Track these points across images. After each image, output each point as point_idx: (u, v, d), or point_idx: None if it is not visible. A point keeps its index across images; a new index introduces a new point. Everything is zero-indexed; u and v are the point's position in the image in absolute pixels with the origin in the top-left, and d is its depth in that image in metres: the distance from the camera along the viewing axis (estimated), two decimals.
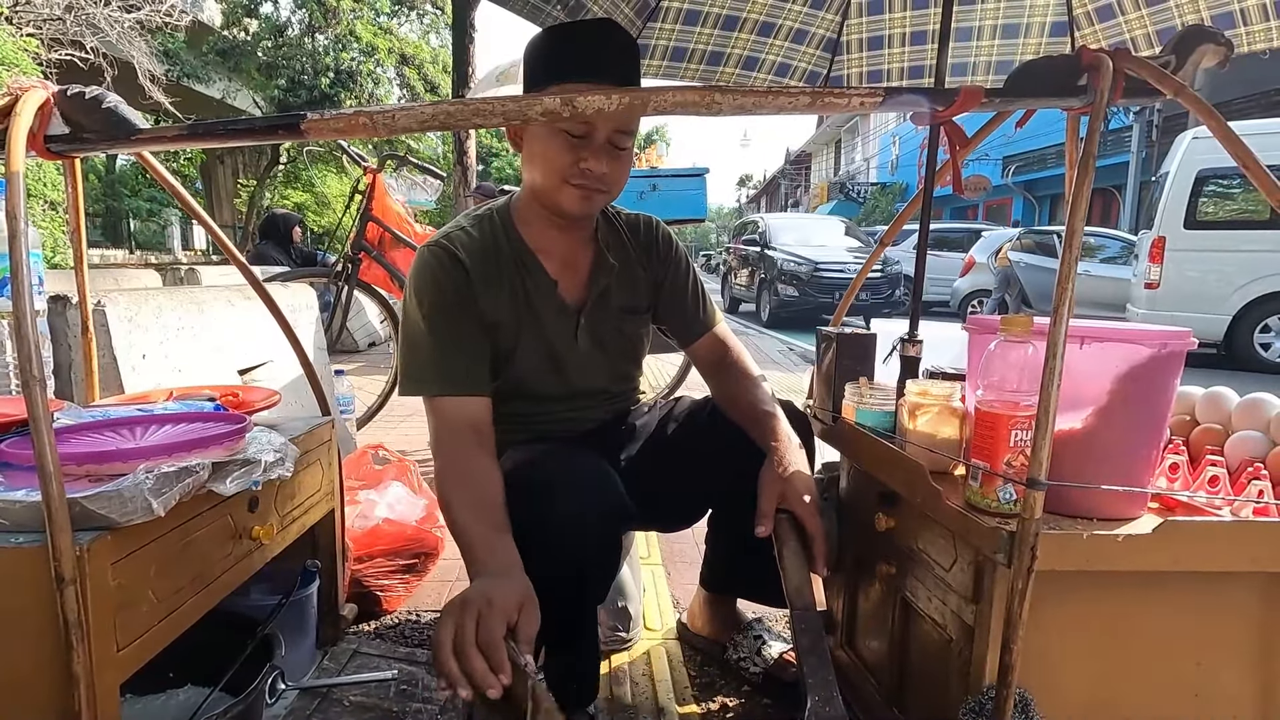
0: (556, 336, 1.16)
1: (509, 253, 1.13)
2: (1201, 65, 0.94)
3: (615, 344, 1.23)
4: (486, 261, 1.10)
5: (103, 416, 0.94)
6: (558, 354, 1.16)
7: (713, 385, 1.28)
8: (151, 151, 0.97)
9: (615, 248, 1.22)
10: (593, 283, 1.18)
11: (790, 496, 1.02)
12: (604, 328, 1.20)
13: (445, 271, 1.08)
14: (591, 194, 1.07)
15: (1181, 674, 0.85)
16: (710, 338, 1.28)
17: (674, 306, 1.28)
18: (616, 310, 1.21)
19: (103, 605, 0.69)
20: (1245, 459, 0.90)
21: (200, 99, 14.05)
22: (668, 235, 1.28)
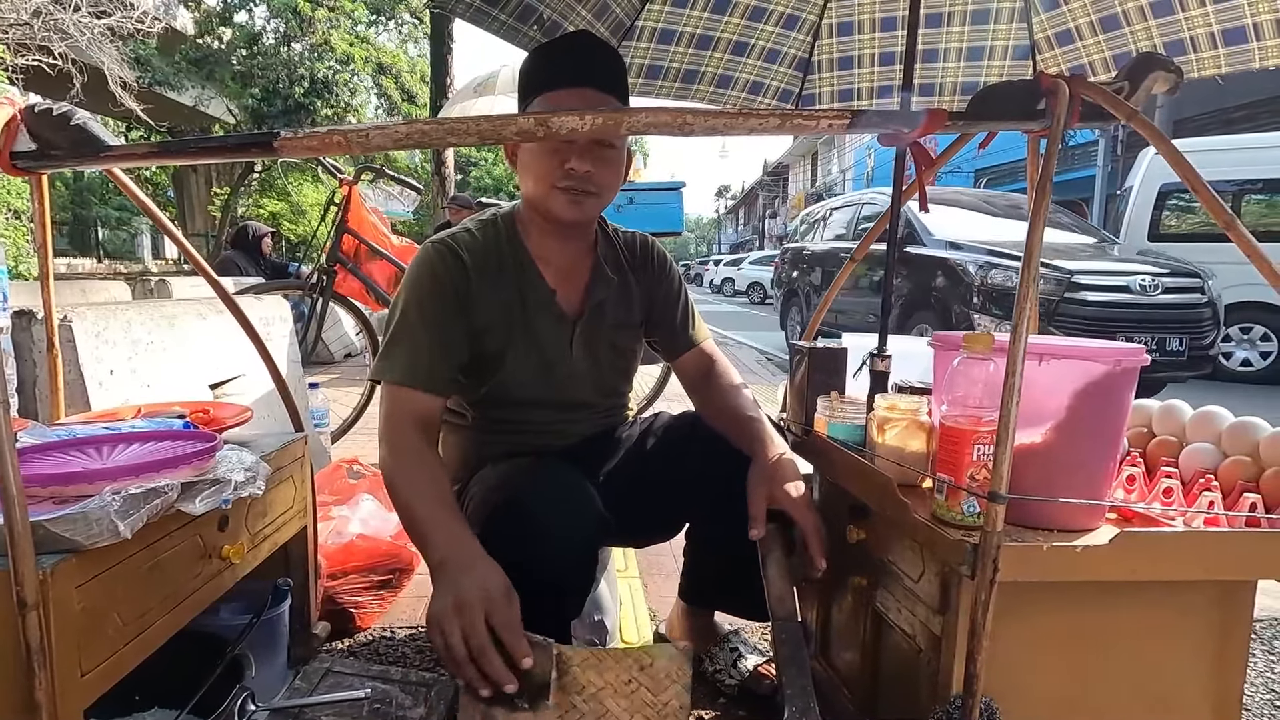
0: (550, 345, 1.18)
1: (510, 258, 1.16)
2: (1153, 91, 0.98)
3: (608, 357, 1.26)
4: (487, 263, 1.13)
5: (68, 436, 0.93)
6: (550, 362, 1.18)
7: (697, 399, 1.31)
8: (121, 168, 0.96)
9: (613, 263, 1.25)
10: (590, 295, 1.21)
11: (779, 495, 1.04)
12: (598, 340, 1.23)
13: (443, 267, 1.11)
14: (580, 196, 1.09)
15: (1141, 679, 0.88)
16: (697, 352, 1.31)
17: (664, 321, 1.30)
18: (611, 324, 1.24)
19: (66, 630, 0.68)
20: (1197, 470, 0.93)
21: (172, 106, 13.84)
22: (662, 253, 1.33)
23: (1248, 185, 6.06)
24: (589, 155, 1.07)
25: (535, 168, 1.09)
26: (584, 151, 1.07)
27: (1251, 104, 10.21)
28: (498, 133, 0.88)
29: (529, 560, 0.95)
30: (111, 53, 10.78)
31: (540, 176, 1.09)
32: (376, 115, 16.31)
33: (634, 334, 1.30)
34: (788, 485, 1.05)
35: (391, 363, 1.07)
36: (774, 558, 1.02)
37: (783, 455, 1.10)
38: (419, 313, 1.08)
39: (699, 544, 1.36)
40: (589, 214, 1.14)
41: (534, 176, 1.10)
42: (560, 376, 1.20)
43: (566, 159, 1.06)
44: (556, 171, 1.07)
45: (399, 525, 1.68)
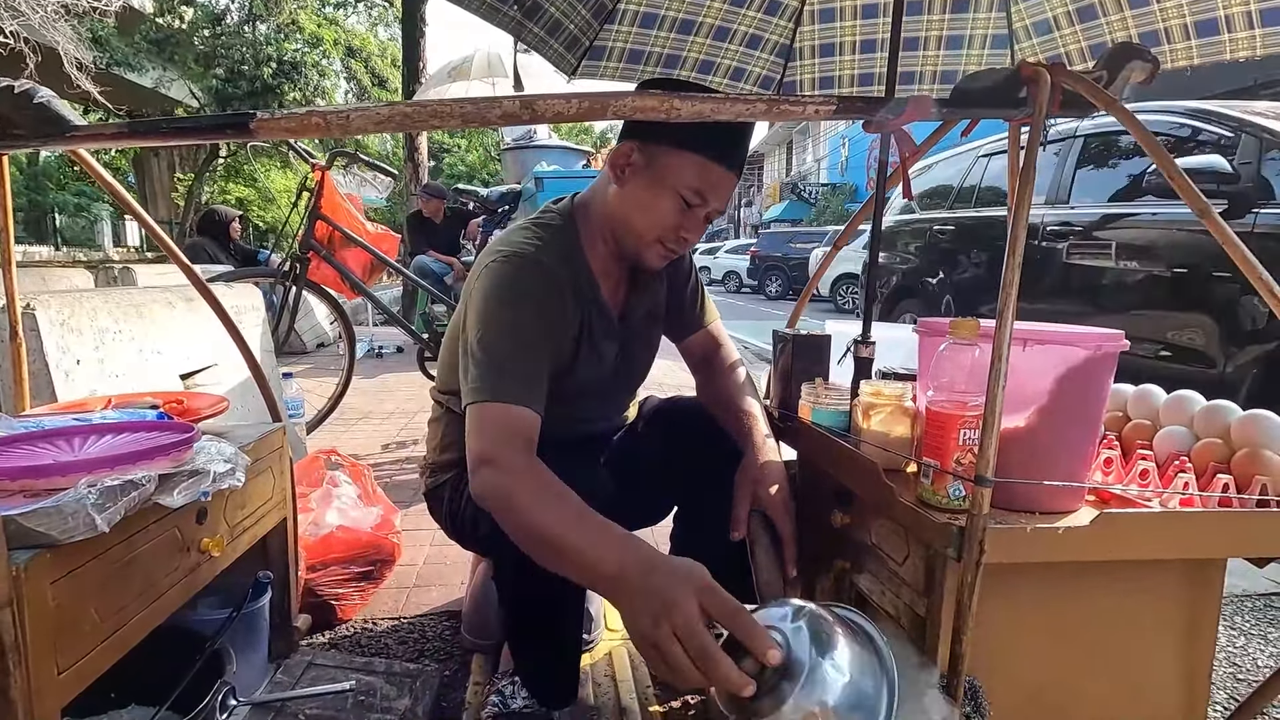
0: (606, 355, 1.16)
1: (579, 277, 1.10)
2: (1131, 80, 0.99)
3: (642, 357, 1.26)
4: (570, 287, 1.07)
5: (36, 427, 0.90)
6: (604, 376, 1.17)
7: (700, 380, 1.31)
8: (88, 149, 0.93)
9: None
10: (631, 301, 1.19)
11: (764, 499, 1.05)
12: (636, 344, 1.22)
13: (545, 287, 1.02)
14: (670, 256, 1.10)
15: (1116, 656, 0.90)
16: (704, 334, 1.31)
17: (677, 303, 1.29)
18: (644, 322, 1.23)
19: (41, 627, 0.66)
20: (1171, 453, 0.96)
21: (132, 88, 13.40)
22: None
23: None
24: (701, 227, 1.08)
25: (652, 214, 1.04)
26: (700, 224, 1.07)
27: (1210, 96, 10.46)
28: (482, 115, 0.86)
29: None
30: (66, 32, 10.39)
31: (653, 224, 1.05)
32: (346, 99, 15.98)
33: (659, 325, 1.29)
34: (772, 489, 1.06)
35: (494, 379, 0.95)
36: (761, 545, 1.03)
37: (769, 460, 1.10)
38: (520, 328, 0.99)
39: (685, 530, 1.37)
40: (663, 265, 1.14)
41: (646, 220, 1.05)
42: (610, 382, 1.20)
43: (684, 225, 1.05)
44: (670, 232, 1.05)
45: (379, 516, 1.66)
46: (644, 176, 1.03)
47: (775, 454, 1.12)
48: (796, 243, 15.67)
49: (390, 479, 2.51)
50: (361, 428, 3.25)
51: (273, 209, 18.11)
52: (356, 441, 3.00)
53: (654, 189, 1.03)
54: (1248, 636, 1.59)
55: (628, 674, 1.35)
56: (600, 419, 1.27)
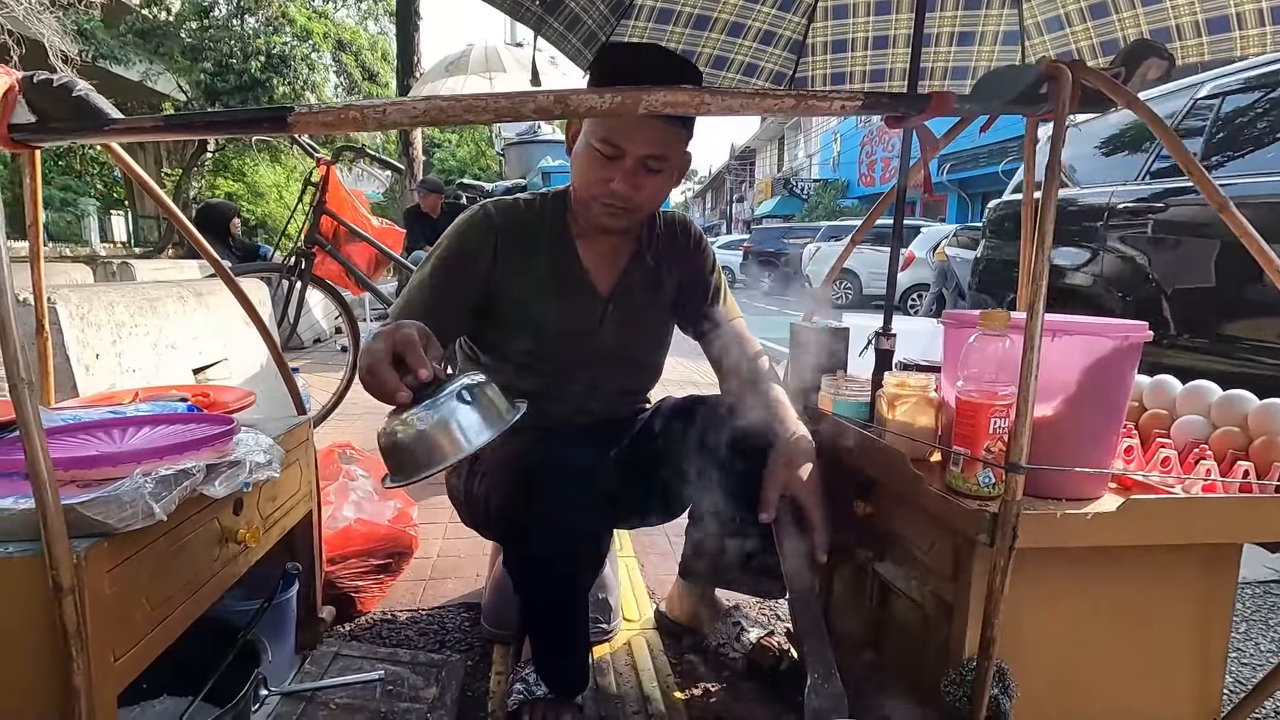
0: (579, 320, 1.20)
1: (548, 232, 1.19)
2: (1147, 77, 1.01)
3: (639, 339, 1.27)
4: (522, 232, 1.17)
5: (74, 420, 0.90)
6: (579, 336, 1.20)
7: (721, 374, 1.32)
8: (121, 143, 0.93)
9: (654, 246, 1.26)
10: (626, 276, 1.23)
11: (795, 484, 1.07)
12: (631, 321, 1.24)
13: (473, 229, 1.16)
14: (617, 213, 1.11)
15: (1139, 638, 0.93)
16: (726, 329, 1.32)
17: (693, 297, 1.31)
18: (645, 304, 1.25)
19: (100, 614, 0.67)
20: (1190, 441, 0.98)
21: (118, 81, 13.23)
22: (698, 232, 1.34)
23: None
24: (633, 178, 1.07)
25: (582, 172, 1.11)
26: (630, 174, 1.07)
27: None
28: (516, 110, 0.87)
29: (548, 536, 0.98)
30: (51, 24, 10.24)
31: (584, 184, 1.11)
32: (336, 94, 15.84)
33: (666, 315, 1.31)
34: (802, 473, 1.07)
35: (397, 308, 1.12)
36: (789, 533, 1.05)
37: (801, 443, 1.11)
38: (433, 266, 1.14)
39: (702, 521, 1.38)
40: (627, 225, 1.17)
41: (579, 180, 1.12)
42: (589, 352, 1.22)
43: (611, 177, 1.07)
44: (599, 185, 1.08)
45: (397, 510, 1.67)
46: (578, 143, 1.11)
47: (806, 441, 1.13)
48: (789, 238, 15.71)
49: None
50: (366, 421, 3.25)
51: (261, 204, 17.94)
52: (362, 436, 2.99)
53: (581, 151, 1.10)
54: (1249, 622, 1.62)
55: (648, 663, 1.37)
56: (595, 398, 1.27)
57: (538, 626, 1.13)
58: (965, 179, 17.61)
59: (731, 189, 41.44)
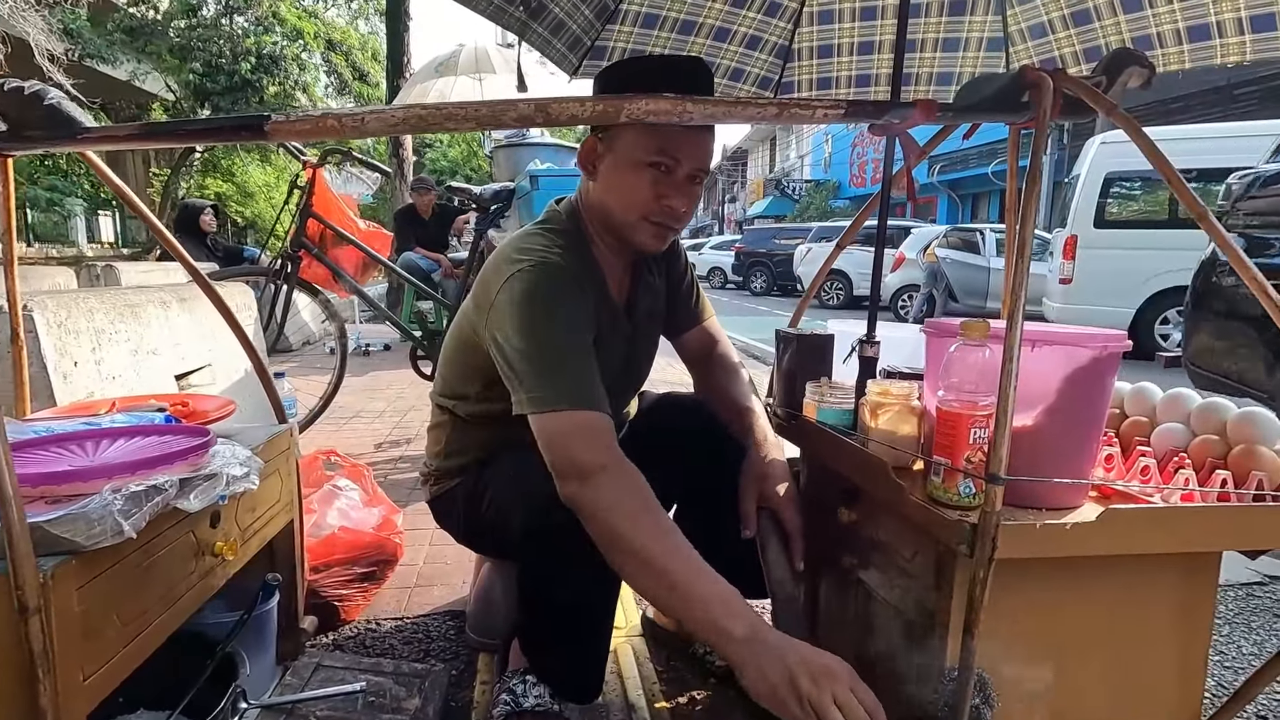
0: (617, 351, 1.17)
1: (590, 277, 1.11)
2: (1129, 85, 1.02)
3: (647, 354, 1.27)
4: (581, 274, 1.08)
5: (47, 432, 0.89)
6: (617, 367, 1.17)
7: (696, 377, 1.32)
8: (96, 151, 0.92)
9: (650, 257, 1.22)
10: (635, 294, 1.20)
11: (770, 494, 1.07)
12: (641, 341, 1.23)
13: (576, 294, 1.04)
14: (666, 232, 1.07)
15: (1119, 646, 0.93)
16: (700, 331, 1.32)
17: (674, 299, 1.30)
18: (647, 319, 1.24)
19: (68, 633, 0.66)
20: (1170, 449, 0.99)
21: (106, 81, 13.10)
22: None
23: (1184, 174, 6.28)
24: (686, 192, 1.03)
25: (627, 193, 1.03)
26: (682, 187, 1.03)
27: (1187, 96, 10.69)
28: (497, 118, 0.87)
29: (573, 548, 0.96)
30: (37, 22, 10.14)
31: (632, 203, 1.04)
32: (326, 93, 15.77)
33: (661, 321, 1.30)
34: (778, 486, 1.07)
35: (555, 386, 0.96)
36: (772, 542, 1.05)
37: (773, 456, 1.12)
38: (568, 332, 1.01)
39: (686, 526, 1.38)
40: (665, 246, 1.11)
41: (623, 201, 1.04)
42: (619, 380, 1.20)
43: (666, 194, 1.02)
44: (652, 205, 1.03)
45: (381, 515, 1.66)
46: (610, 161, 1.04)
47: (778, 449, 1.14)
48: (781, 239, 15.75)
49: (385, 478, 2.49)
50: (354, 426, 3.23)
51: (251, 204, 17.83)
52: (349, 440, 2.98)
53: (621, 169, 1.03)
54: (1232, 625, 1.64)
55: (633, 670, 1.37)
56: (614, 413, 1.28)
57: (564, 632, 1.11)
58: (955, 180, 17.72)
59: (724, 189, 41.50)
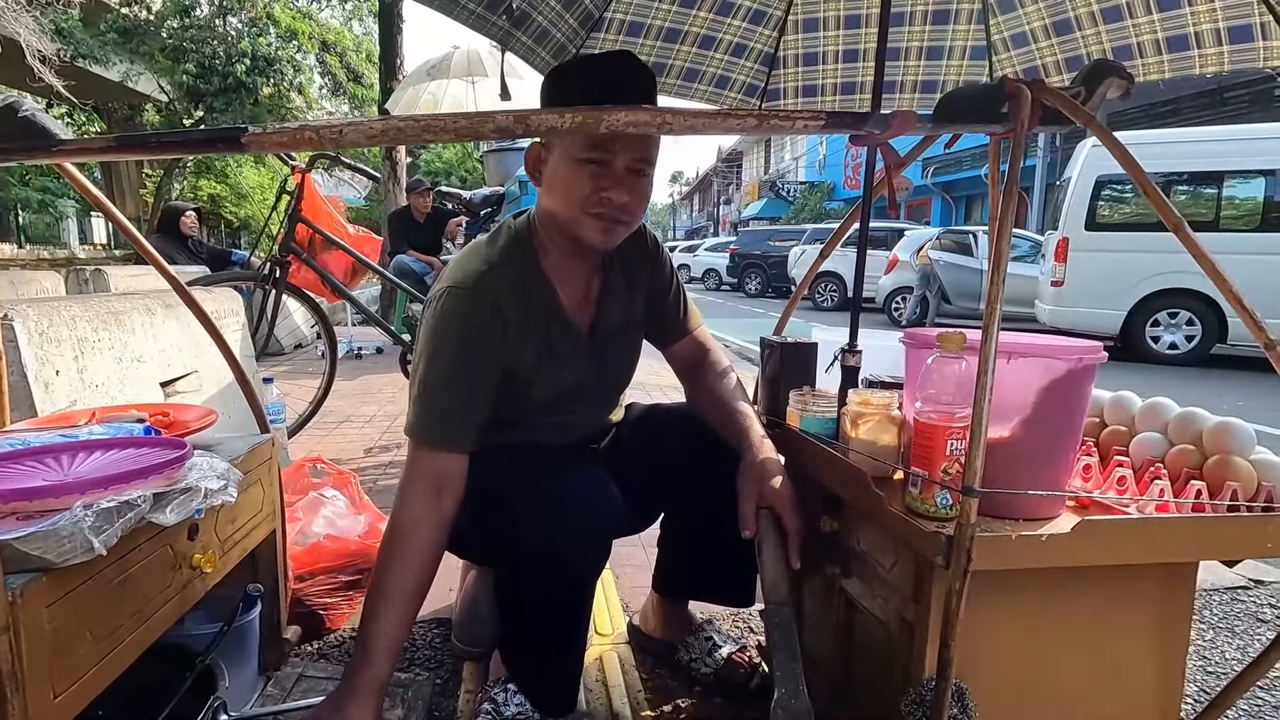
0: (571, 366, 1.16)
1: (534, 290, 1.11)
2: (1107, 96, 1.02)
3: (620, 363, 1.26)
4: (521, 310, 1.08)
5: (23, 445, 0.88)
6: (570, 381, 1.16)
7: (688, 387, 1.31)
8: (73, 163, 0.91)
9: (616, 264, 1.21)
10: (601, 309, 1.19)
11: (769, 495, 1.07)
12: (611, 350, 1.22)
13: (482, 323, 1.05)
14: (613, 225, 1.06)
15: (1097, 655, 0.94)
16: (689, 340, 1.31)
17: (658, 309, 1.28)
18: (620, 329, 1.22)
19: (38, 652, 0.65)
20: (1147, 459, 0.99)
21: (98, 82, 13.05)
22: (655, 240, 1.29)
23: (1173, 177, 6.39)
24: (626, 184, 1.03)
25: (567, 190, 1.04)
26: (622, 180, 1.03)
27: (1176, 100, 10.76)
28: (475, 129, 0.87)
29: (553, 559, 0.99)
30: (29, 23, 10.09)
31: (572, 200, 1.04)
32: (321, 94, 15.73)
33: (639, 331, 1.29)
34: (776, 484, 1.08)
35: (426, 424, 1.05)
36: (769, 546, 1.05)
37: (769, 457, 1.12)
38: (455, 370, 1.05)
39: (674, 533, 1.38)
40: (617, 241, 1.10)
41: (564, 199, 1.05)
42: (582, 391, 1.19)
43: (605, 187, 1.02)
44: (591, 198, 1.03)
45: (367, 524, 1.66)
46: (551, 163, 1.06)
47: (773, 452, 1.14)
48: (775, 240, 15.78)
49: (375, 484, 2.49)
50: (344, 431, 3.22)
51: (246, 205, 17.78)
52: (339, 445, 2.97)
53: (561, 169, 1.05)
54: (1215, 630, 1.64)
55: (619, 678, 1.37)
56: (586, 422, 1.28)
57: (535, 642, 1.12)
58: (949, 182, 17.77)
59: (719, 191, 41.56)
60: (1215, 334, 6.17)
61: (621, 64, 1.09)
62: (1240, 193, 6.20)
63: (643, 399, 1.44)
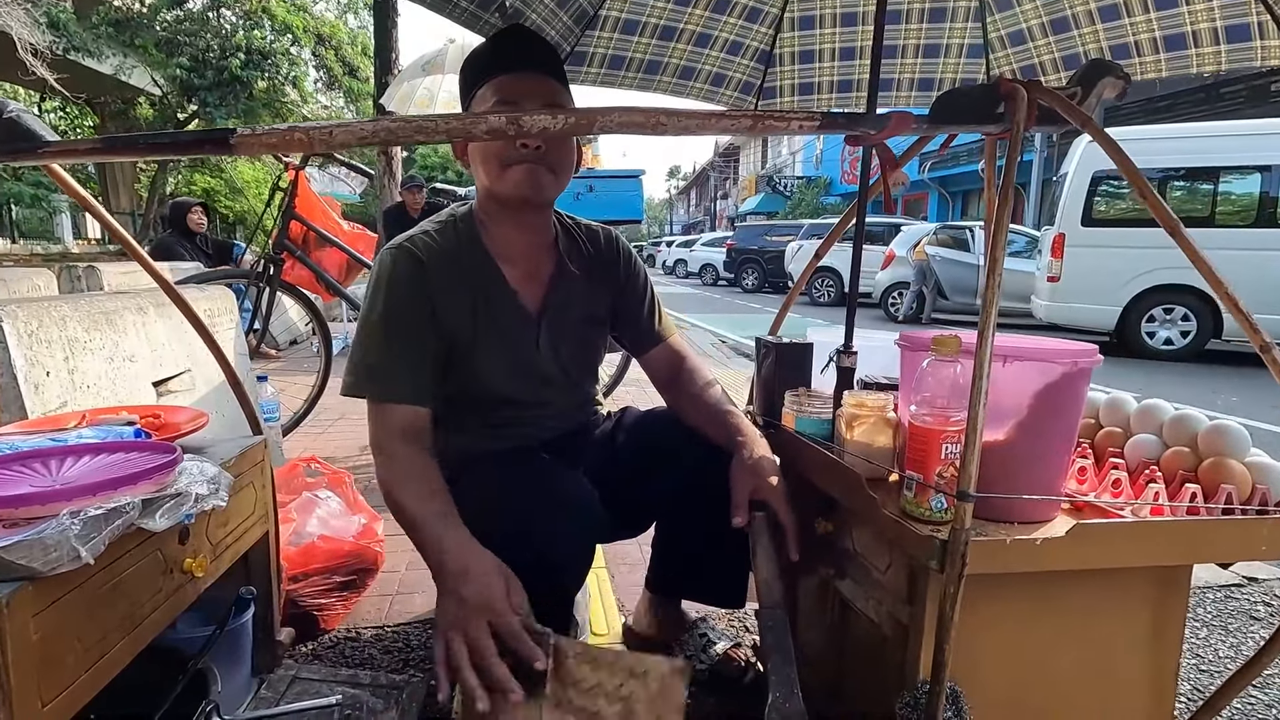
0: (518, 343, 1.17)
1: (470, 260, 1.14)
2: (1104, 96, 1.02)
3: (575, 353, 1.26)
4: (448, 266, 1.12)
5: (10, 449, 0.87)
6: (518, 361, 1.18)
7: (668, 394, 1.31)
8: (61, 165, 0.90)
9: (576, 258, 1.24)
10: (554, 291, 1.20)
11: (762, 488, 1.08)
12: (564, 336, 1.22)
13: (404, 275, 1.09)
14: (535, 169, 1.09)
15: (1088, 657, 0.94)
16: (665, 348, 1.32)
17: (630, 317, 1.30)
18: (577, 319, 1.23)
19: (24, 661, 0.65)
20: (1142, 461, 0.99)
21: (90, 75, 12.95)
22: (626, 247, 1.32)
23: (1171, 173, 6.39)
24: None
25: (484, 151, 1.10)
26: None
27: (1174, 95, 10.76)
28: (467, 130, 0.86)
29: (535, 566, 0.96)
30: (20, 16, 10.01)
31: (490, 158, 1.09)
32: (316, 89, 15.64)
33: (600, 329, 1.30)
34: (769, 477, 1.08)
35: (370, 377, 1.07)
36: (762, 547, 1.05)
37: (761, 450, 1.13)
38: (391, 323, 1.07)
39: (668, 533, 1.38)
40: (547, 193, 1.13)
41: (485, 161, 1.10)
42: (530, 374, 1.20)
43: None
44: (508, 148, 1.07)
45: (362, 524, 1.65)
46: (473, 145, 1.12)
47: (763, 443, 1.15)
48: (772, 235, 15.77)
49: (369, 482, 2.48)
50: (339, 428, 3.21)
51: (241, 200, 17.69)
52: (334, 444, 2.96)
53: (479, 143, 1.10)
54: (1209, 628, 1.65)
55: None
56: (552, 416, 1.26)
57: None
58: (945, 177, 17.77)
59: (716, 186, 41.50)
60: (1210, 330, 6.19)
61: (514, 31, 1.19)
62: (1236, 188, 6.20)
63: (641, 403, 1.43)
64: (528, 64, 1.10)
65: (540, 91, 1.09)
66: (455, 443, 1.21)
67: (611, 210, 3.15)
